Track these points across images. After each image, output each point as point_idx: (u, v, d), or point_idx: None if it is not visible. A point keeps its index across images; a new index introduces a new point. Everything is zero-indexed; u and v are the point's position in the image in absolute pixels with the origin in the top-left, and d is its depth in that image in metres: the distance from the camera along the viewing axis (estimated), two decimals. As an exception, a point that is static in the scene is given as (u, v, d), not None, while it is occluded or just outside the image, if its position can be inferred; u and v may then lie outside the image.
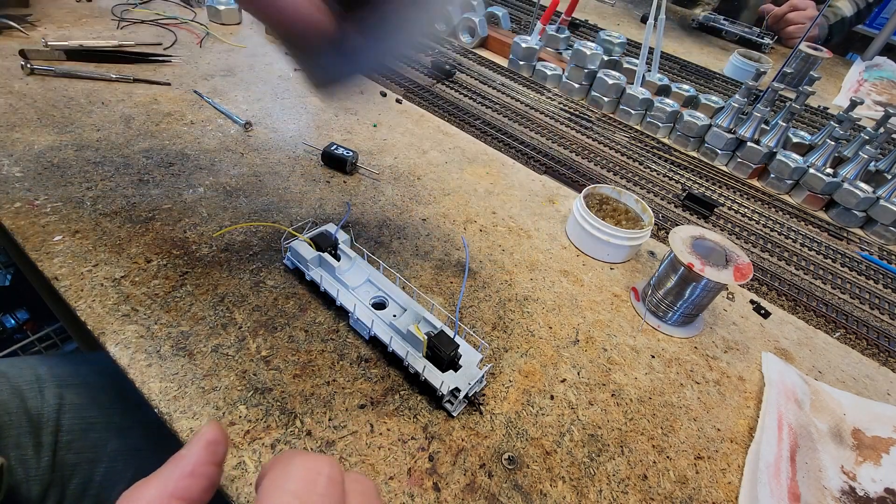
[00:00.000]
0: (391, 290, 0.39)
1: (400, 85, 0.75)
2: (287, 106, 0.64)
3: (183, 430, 0.30)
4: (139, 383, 0.32)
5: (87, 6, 0.77)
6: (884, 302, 0.55)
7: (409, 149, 0.62)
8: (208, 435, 0.20)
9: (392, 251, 0.47)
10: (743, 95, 0.72)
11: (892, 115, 0.68)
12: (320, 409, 0.33)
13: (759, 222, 0.64)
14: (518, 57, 0.87)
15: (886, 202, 0.64)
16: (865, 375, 0.46)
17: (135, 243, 0.41)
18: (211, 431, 0.20)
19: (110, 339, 0.34)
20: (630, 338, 0.44)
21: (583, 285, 0.48)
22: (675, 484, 0.34)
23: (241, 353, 0.35)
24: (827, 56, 0.88)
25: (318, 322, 0.39)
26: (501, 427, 0.35)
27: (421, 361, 0.34)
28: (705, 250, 0.42)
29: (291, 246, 0.40)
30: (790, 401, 0.40)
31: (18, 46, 0.61)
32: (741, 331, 0.48)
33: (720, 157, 0.74)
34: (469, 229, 0.52)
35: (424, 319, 0.36)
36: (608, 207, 0.53)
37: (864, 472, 0.37)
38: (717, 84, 1.01)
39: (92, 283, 0.37)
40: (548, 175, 0.64)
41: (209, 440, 0.19)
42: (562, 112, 0.79)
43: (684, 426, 0.38)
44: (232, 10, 0.81)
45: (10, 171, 0.46)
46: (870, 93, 1.15)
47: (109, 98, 0.58)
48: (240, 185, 0.50)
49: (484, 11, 0.99)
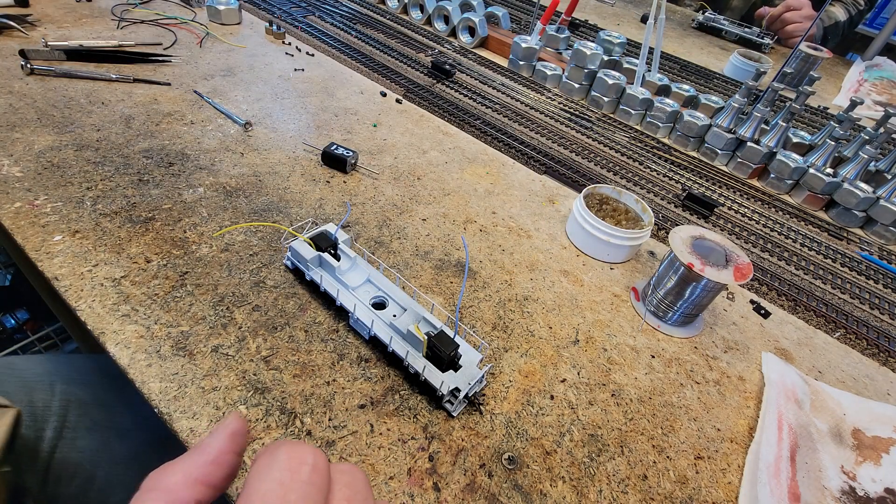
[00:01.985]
0: (391, 290, 0.39)
1: (400, 85, 0.75)
2: (287, 106, 0.64)
3: (183, 430, 0.30)
4: (139, 383, 0.32)
5: (87, 6, 0.77)
6: (884, 302, 0.55)
7: (409, 149, 0.62)
8: (232, 426, 0.20)
9: (392, 251, 0.47)
10: (743, 95, 0.72)
11: (892, 115, 0.68)
12: (320, 409, 0.33)
13: (759, 222, 0.64)
14: (518, 57, 0.87)
15: (886, 202, 0.64)
16: (865, 375, 0.46)
17: (135, 243, 0.41)
18: (234, 422, 0.20)
19: (110, 339, 0.34)
20: (630, 338, 0.44)
21: (583, 285, 0.48)
22: (675, 484, 0.34)
23: (241, 353, 0.35)
24: (827, 56, 0.88)
25: (318, 322, 0.39)
26: (501, 427, 0.35)
27: (421, 361, 0.34)
28: (705, 250, 0.42)
29: (291, 246, 0.40)
30: (790, 401, 0.40)
31: (18, 46, 0.61)
32: (741, 331, 0.48)
33: (720, 157, 0.74)
34: (469, 229, 0.52)
35: (424, 319, 0.36)
36: (608, 207, 0.53)
37: (864, 472, 0.37)
38: (717, 84, 1.01)
39: (92, 283, 0.37)
40: (548, 175, 0.64)
41: (232, 431, 0.20)
42: (562, 112, 0.79)
43: (684, 426, 0.38)
44: (232, 10, 0.81)
45: (10, 171, 0.46)
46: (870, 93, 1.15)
47: (109, 98, 0.58)
48: (240, 185, 0.50)
49: (484, 11, 0.99)
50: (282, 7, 0.92)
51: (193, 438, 0.30)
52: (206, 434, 0.30)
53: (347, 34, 0.88)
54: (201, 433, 0.30)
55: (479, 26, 0.92)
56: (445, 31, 0.97)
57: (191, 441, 0.30)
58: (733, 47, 1.23)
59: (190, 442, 0.30)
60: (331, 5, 0.99)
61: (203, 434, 0.30)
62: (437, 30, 0.98)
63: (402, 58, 0.83)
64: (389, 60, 0.82)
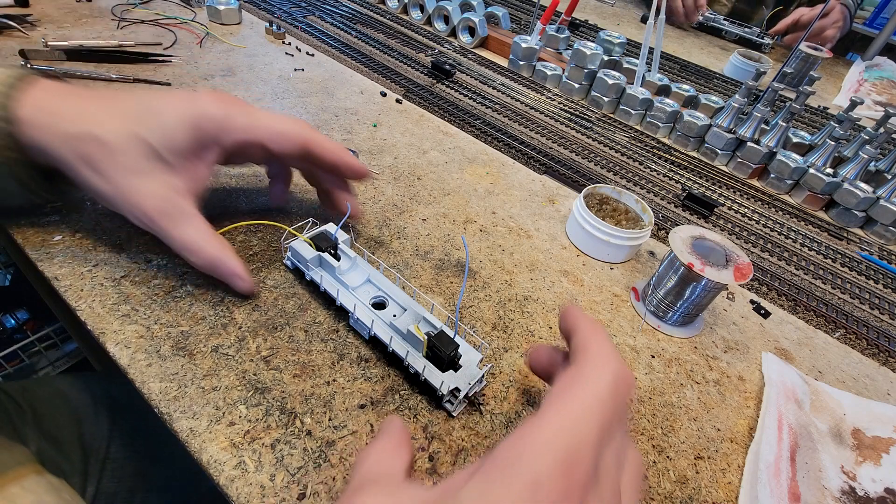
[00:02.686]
0: (391, 290, 0.39)
1: (400, 85, 0.75)
2: (287, 106, 0.64)
3: (183, 430, 0.30)
4: (139, 383, 0.32)
5: (87, 6, 0.77)
6: (884, 302, 0.55)
7: (409, 149, 0.62)
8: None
9: (392, 251, 0.47)
10: (743, 95, 0.72)
11: (892, 115, 0.68)
12: (320, 408, 0.33)
13: (759, 222, 0.64)
14: (518, 57, 0.87)
15: (886, 202, 0.64)
16: (865, 375, 0.46)
17: (135, 243, 0.41)
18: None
19: (110, 339, 0.34)
20: (630, 338, 0.44)
21: (583, 285, 0.48)
22: (675, 484, 0.34)
23: (241, 353, 0.35)
24: (827, 56, 0.88)
25: (318, 322, 0.39)
26: (501, 427, 0.35)
27: (421, 361, 0.34)
28: (705, 250, 0.42)
29: (291, 246, 0.40)
30: (790, 401, 0.40)
31: (18, 46, 0.61)
32: (741, 331, 0.48)
33: (720, 157, 0.74)
34: (469, 229, 0.52)
35: (424, 319, 0.36)
36: (608, 207, 0.53)
37: (864, 472, 0.37)
38: (717, 84, 1.01)
39: (92, 283, 0.37)
40: (548, 175, 0.64)
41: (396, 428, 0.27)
42: (562, 112, 0.79)
43: (684, 426, 0.38)
44: (232, 9, 0.81)
45: (10, 171, 0.46)
46: (870, 93, 1.15)
47: (109, 98, 0.58)
48: (240, 185, 0.50)
49: (484, 11, 0.99)
50: (282, 7, 0.92)
51: (193, 438, 0.30)
52: (206, 434, 0.30)
53: (347, 34, 0.88)
54: (201, 433, 0.30)
55: (479, 26, 0.92)
56: (445, 31, 0.97)
57: (191, 441, 0.30)
58: (733, 47, 1.23)
59: (190, 442, 0.30)
60: (331, 5, 0.99)
61: (203, 434, 0.30)
62: (437, 30, 0.98)
63: (402, 58, 0.83)
64: (389, 60, 0.82)
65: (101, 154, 0.31)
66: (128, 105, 0.33)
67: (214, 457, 0.30)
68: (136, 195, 0.32)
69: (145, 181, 0.32)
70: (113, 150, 0.31)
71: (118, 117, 0.32)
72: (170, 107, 0.33)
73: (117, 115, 0.32)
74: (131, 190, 0.32)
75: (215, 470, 0.29)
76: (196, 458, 0.30)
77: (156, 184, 0.33)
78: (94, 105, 0.32)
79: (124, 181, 0.32)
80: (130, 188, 0.32)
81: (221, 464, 0.29)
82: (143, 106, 0.33)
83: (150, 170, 0.32)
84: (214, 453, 0.30)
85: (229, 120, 0.34)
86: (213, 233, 0.35)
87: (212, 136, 0.34)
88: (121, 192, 0.32)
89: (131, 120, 0.32)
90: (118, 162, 0.31)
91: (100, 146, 0.31)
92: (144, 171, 0.32)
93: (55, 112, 0.31)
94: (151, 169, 0.32)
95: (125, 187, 0.32)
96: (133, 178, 0.32)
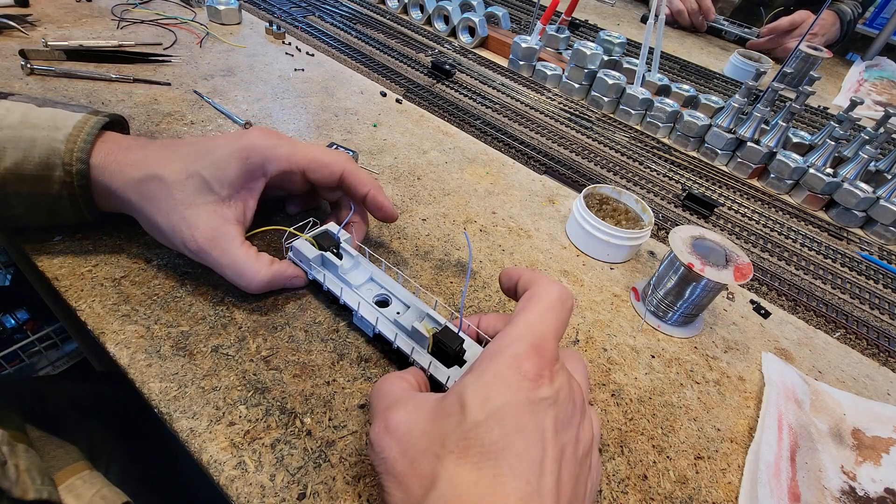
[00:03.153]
0: (394, 287, 0.39)
1: (400, 85, 0.75)
2: (287, 106, 0.64)
3: (183, 430, 0.30)
4: (139, 383, 0.32)
5: (86, 6, 0.77)
6: (884, 302, 0.55)
7: (409, 149, 0.62)
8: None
9: (392, 251, 0.47)
10: (743, 95, 0.72)
11: (892, 115, 0.68)
12: (320, 408, 0.33)
13: (759, 222, 0.64)
14: (518, 57, 0.87)
15: (886, 202, 0.64)
16: (865, 375, 0.46)
17: (135, 243, 0.41)
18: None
19: (110, 338, 0.34)
20: (630, 338, 0.44)
21: (583, 285, 0.48)
22: (675, 484, 0.34)
23: (241, 353, 0.35)
24: (827, 56, 0.88)
25: (319, 322, 0.39)
26: (501, 427, 0.35)
27: (426, 357, 0.34)
28: (705, 250, 0.42)
29: (293, 245, 0.40)
30: (790, 401, 0.40)
31: (18, 46, 0.61)
32: (741, 331, 0.48)
33: (720, 157, 0.74)
34: (469, 229, 0.52)
35: (428, 316, 0.36)
36: (608, 207, 0.53)
37: (864, 472, 0.37)
38: (717, 84, 1.01)
39: (92, 283, 0.37)
40: (548, 175, 0.64)
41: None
42: (562, 112, 0.79)
43: (684, 426, 0.38)
44: (232, 9, 0.81)
45: (10, 171, 0.46)
46: (870, 93, 1.15)
47: (109, 98, 0.58)
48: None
49: (484, 11, 0.99)
50: (282, 7, 0.92)
51: (193, 438, 0.30)
52: (206, 434, 0.30)
53: (347, 34, 0.88)
54: (201, 433, 0.30)
55: (479, 26, 0.92)
56: (445, 31, 0.97)
57: (191, 441, 0.30)
58: (733, 47, 1.23)
59: (190, 442, 0.30)
60: (331, 5, 0.99)
61: (203, 434, 0.30)
62: (437, 30, 0.98)
63: (402, 58, 0.83)
64: (389, 60, 0.82)
65: (161, 191, 0.35)
66: (186, 149, 0.37)
67: (214, 457, 0.30)
68: (189, 227, 0.35)
69: (197, 212, 0.35)
70: (171, 187, 0.35)
71: (177, 160, 0.36)
72: (221, 143, 0.37)
73: (176, 157, 0.36)
74: (184, 223, 0.35)
75: (215, 470, 0.29)
76: (196, 459, 0.30)
77: (206, 214, 0.36)
78: (156, 153, 0.36)
79: (178, 215, 0.35)
80: (182, 221, 0.35)
81: (221, 464, 0.29)
82: (198, 146, 0.37)
83: (203, 202, 0.36)
84: (214, 453, 0.30)
85: (274, 150, 0.38)
86: (258, 254, 0.38)
87: (258, 165, 0.37)
88: (175, 225, 0.35)
89: (188, 160, 0.36)
90: (175, 198, 0.35)
91: (160, 184, 0.35)
92: (196, 203, 0.35)
93: (121, 161, 0.36)
94: (203, 201, 0.36)
95: (178, 220, 0.35)
96: (186, 210, 0.35)
